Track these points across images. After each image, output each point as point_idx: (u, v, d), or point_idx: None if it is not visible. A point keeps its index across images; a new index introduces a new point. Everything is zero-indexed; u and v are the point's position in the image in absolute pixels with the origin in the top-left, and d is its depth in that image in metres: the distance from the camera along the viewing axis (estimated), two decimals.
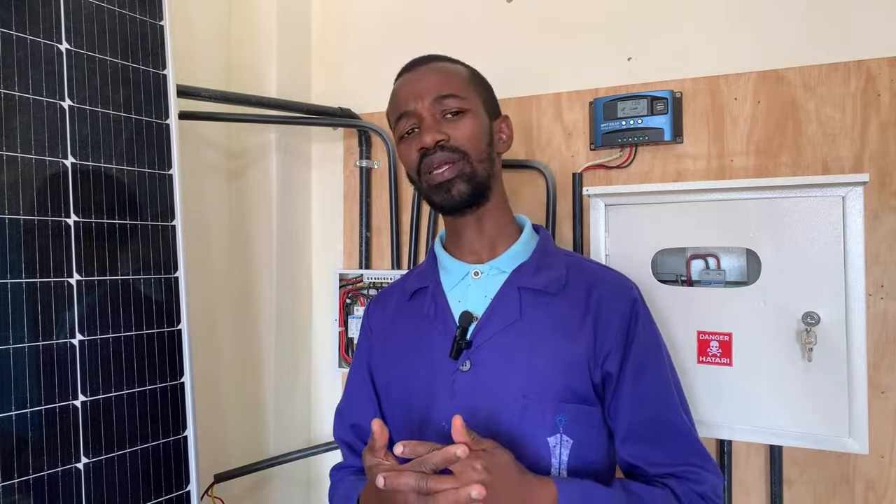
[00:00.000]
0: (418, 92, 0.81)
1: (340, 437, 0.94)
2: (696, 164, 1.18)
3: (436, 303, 0.85)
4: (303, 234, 1.53)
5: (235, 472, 1.31)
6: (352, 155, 1.50)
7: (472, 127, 0.80)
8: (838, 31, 1.10)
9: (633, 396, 0.78)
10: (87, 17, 0.90)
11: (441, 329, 0.82)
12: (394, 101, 0.85)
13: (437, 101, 0.80)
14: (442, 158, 0.78)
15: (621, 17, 1.25)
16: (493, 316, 0.80)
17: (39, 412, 0.81)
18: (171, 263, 0.99)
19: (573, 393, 0.77)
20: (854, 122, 1.08)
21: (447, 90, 0.80)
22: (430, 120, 0.79)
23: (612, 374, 0.78)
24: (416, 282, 0.90)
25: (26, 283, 0.81)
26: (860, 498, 1.07)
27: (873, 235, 1.06)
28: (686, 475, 0.77)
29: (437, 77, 0.82)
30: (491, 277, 0.83)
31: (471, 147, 0.79)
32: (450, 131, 0.79)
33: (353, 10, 1.52)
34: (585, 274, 0.83)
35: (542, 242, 0.87)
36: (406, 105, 0.82)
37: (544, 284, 0.80)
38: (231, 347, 1.42)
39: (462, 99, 0.81)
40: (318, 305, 1.55)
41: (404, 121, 0.82)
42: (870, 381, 1.03)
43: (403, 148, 0.83)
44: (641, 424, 0.78)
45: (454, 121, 0.80)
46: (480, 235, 0.85)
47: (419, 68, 0.84)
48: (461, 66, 0.87)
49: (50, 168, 0.85)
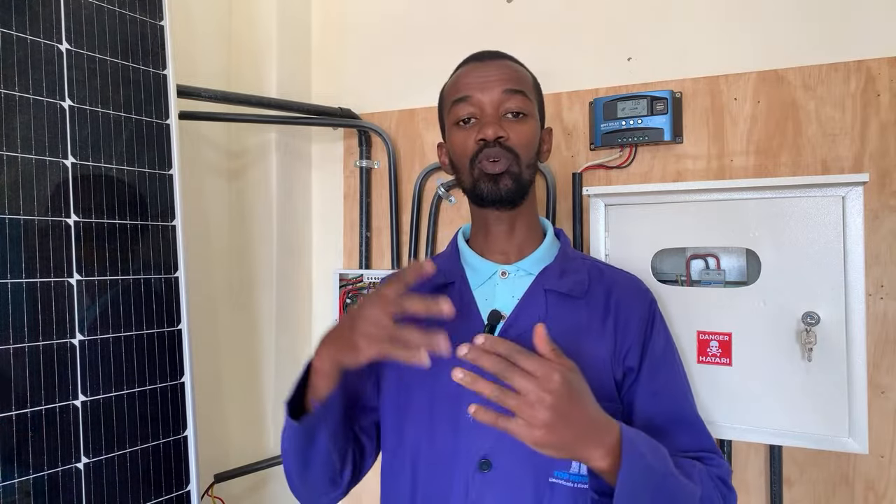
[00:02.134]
0: (487, 82, 0.81)
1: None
2: (696, 164, 1.18)
3: (462, 299, 0.85)
4: (303, 234, 1.53)
5: (235, 472, 1.31)
6: (352, 155, 1.50)
7: (529, 131, 0.83)
8: (838, 31, 1.10)
9: (649, 391, 0.81)
10: (87, 17, 0.90)
11: (468, 325, 0.83)
12: (456, 84, 0.85)
13: (504, 96, 0.81)
14: (499, 154, 0.80)
15: (621, 17, 1.25)
16: (521, 315, 0.82)
17: (40, 412, 0.81)
18: (171, 263, 0.99)
19: (596, 391, 0.78)
20: (854, 122, 1.08)
21: (517, 86, 0.82)
22: (493, 114, 0.81)
23: (632, 369, 0.81)
24: (440, 276, 0.89)
25: (26, 283, 0.81)
26: (860, 498, 1.07)
27: (873, 235, 1.06)
28: (707, 460, 0.80)
29: (508, 73, 0.83)
30: (518, 279, 0.86)
31: (524, 151, 0.82)
32: (509, 131, 0.81)
33: (353, 10, 1.52)
34: (604, 277, 0.87)
35: (563, 247, 0.89)
36: (470, 90, 0.82)
37: (569, 288, 0.83)
38: (231, 347, 1.42)
39: (527, 100, 0.82)
40: (318, 305, 1.55)
41: (463, 105, 0.82)
42: (870, 381, 1.03)
43: (459, 135, 0.84)
44: (658, 416, 0.81)
45: (515, 121, 0.82)
46: (511, 235, 0.87)
47: (490, 61, 0.84)
48: (527, 70, 0.88)
49: (50, 168, 0.85)
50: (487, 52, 0.86)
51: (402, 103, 1.45)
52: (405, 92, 1.45)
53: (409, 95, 1.45)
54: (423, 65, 1.43)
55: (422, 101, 1.43)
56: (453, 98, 0.84)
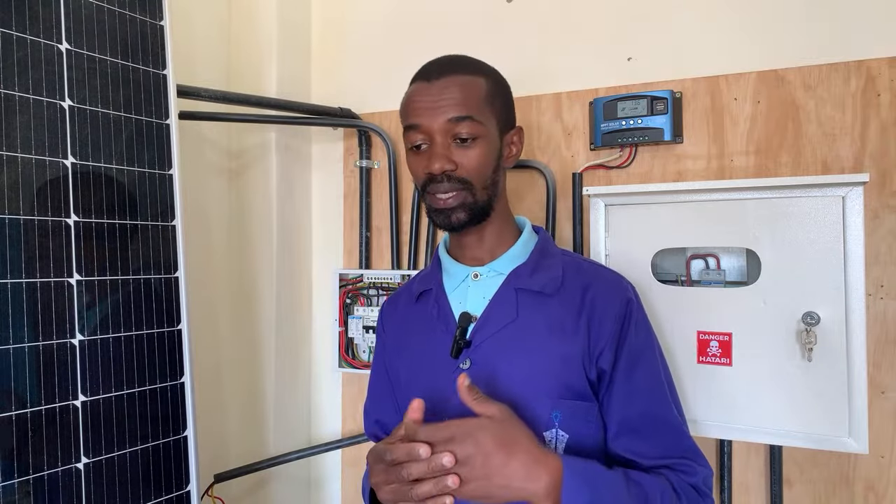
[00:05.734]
0: (432, 109, 0.79)
1: (370, 431, 1.00)
2: (696, 164, 1.18)
3: (438, 304, 0.88)
4: (303, 234, 1.53)
5: (235, 472, 1.31)
6: (352, 155, 1.50)
7: (480, 156, 0.80)
8: (838, 31, 1.10)
9: (624, 391, 0.80)
10: (87, 17, 0.90)
11: (443, 329, 0.86)
12: (406, 107, 0.83)
13: (451, 124, 0.78)
14: (447, 188, 0.79)
15: (621, 17, 1.25)
16: (491, 316, 0.83)
17: (40, 412, 0.81)
18: (171, 263, 0.99)
19: (568, 389, 0.79)
20: (854, 122, 1.08)
21: (463, 112, 0.78)
22: (440, 145, 0.79)
23: (605, 371, 0.80)
24: (420, 284, 0.93)
25: (26, 283, 0.81)
26: (860, 498, 1.07)
27: (873, 235, 1.06)
28: (679, 467, 0.78)
29: (455, 95, 0.79)
30: (489, 279, 0.86)
31: (476, 176, 0.80)
32: (459, 159, 0.79)
33: (352, 10, 1.52)
34: (582, 273, 0.85)
35: (540, 244, 0.88)
36: (418, 118, 0.80)
37: (541, 285, 0.82)
38: (231, 347, 1.42)
39: (476, 124, 0.79)
40: (318, 305, 1.55)
41: (414, 133, 0.81)
42: (870, 381, 1.03)
43: (413, 161, 0.84)
44: (633, 418, 0.79)
45: (464, 147, 0.79)
46: (480, 244, 0.87)
47: (437, 81, 0.80)
48: (482, 77, 0.82)
49: (50, 168, 0.85)
50: (435, 68, 0.82)
51: None
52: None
53: None
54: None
55: None
56: (404, 122, 0.83)
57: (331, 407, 1.53)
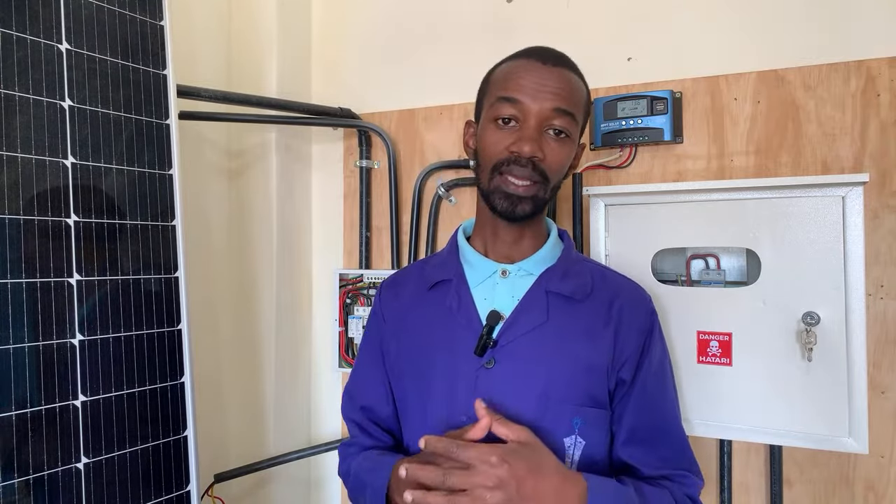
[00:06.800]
0: (541, 92, 0.76)
1: (350, 416, 0.94)
2: (696, 164, 1.18)
3: (460, 297, 0.84)
4: (303, 234, 1.53)
5: (235, 472, 1.31)
6: (352, 155, 1.50)
7: (565, 155, 0.79)
8: (838, 31, 1.10)
9: (639, 402, 0.81)
10: (87, 17, 0.90)
11: (464, 324, 0.82)
12: (508, 79, 0.78)
13: (554, 113, 0.76)
14: (526, 174, 0.77)
15: (621, 17, 1.25)
16: (521, 317, 0.80)
17: (40, 412, 0.81)
18: (171, 263, 0.98)
19: (591, 397, 0.79)
20: (854, 122, 1.08)
21: (569, 106, 0.77)
22: (536, 130, 0.76)
23: (625, 381, 0.81)
24: (437, 273, 0.88)
25: (26, 283, 0.81)
26: (860, 498, 1.07)
27: (873, 235, 1.06)
28: (677, 478, 0.80)
29: (566, 88, 0.77)
30: (519, 279, 0.83)
31: (554, 175, 0.79)
32: (547, 151, 0.77)
33: (353, 10, 1.52)
34: (607, 283, 0.85)
35: (567, 249, 0.87)
36: (522, 94, 0.76)
37: (571, 291, 0.81)
38: (231, 347, 1.42)
39: (574, 123, 0.78)
40: (318, 305, 1.55)
41: (507, 106, 0.77)
42: (870, 381, 1.03)
43: (494, 135, 0.78)
44: (643, 428, 0.81)
45: (555, 140, 0.78)
46: (519, 241, 0.85)
47: (553, 67, 0.77)
48: (584, 85, 0.83)
49: (50, 168, 0.85)
50: (553, 55, 0.79)
51: (402, 103, 1.45)
52: (405, 92, 1.45)
53: (408, 95, 1.45)
54: (423, 65, 1.43)
55: (422, 101, 1.43)
56: (500, 94, 0.78)
57: (331, 407, 1.53)
